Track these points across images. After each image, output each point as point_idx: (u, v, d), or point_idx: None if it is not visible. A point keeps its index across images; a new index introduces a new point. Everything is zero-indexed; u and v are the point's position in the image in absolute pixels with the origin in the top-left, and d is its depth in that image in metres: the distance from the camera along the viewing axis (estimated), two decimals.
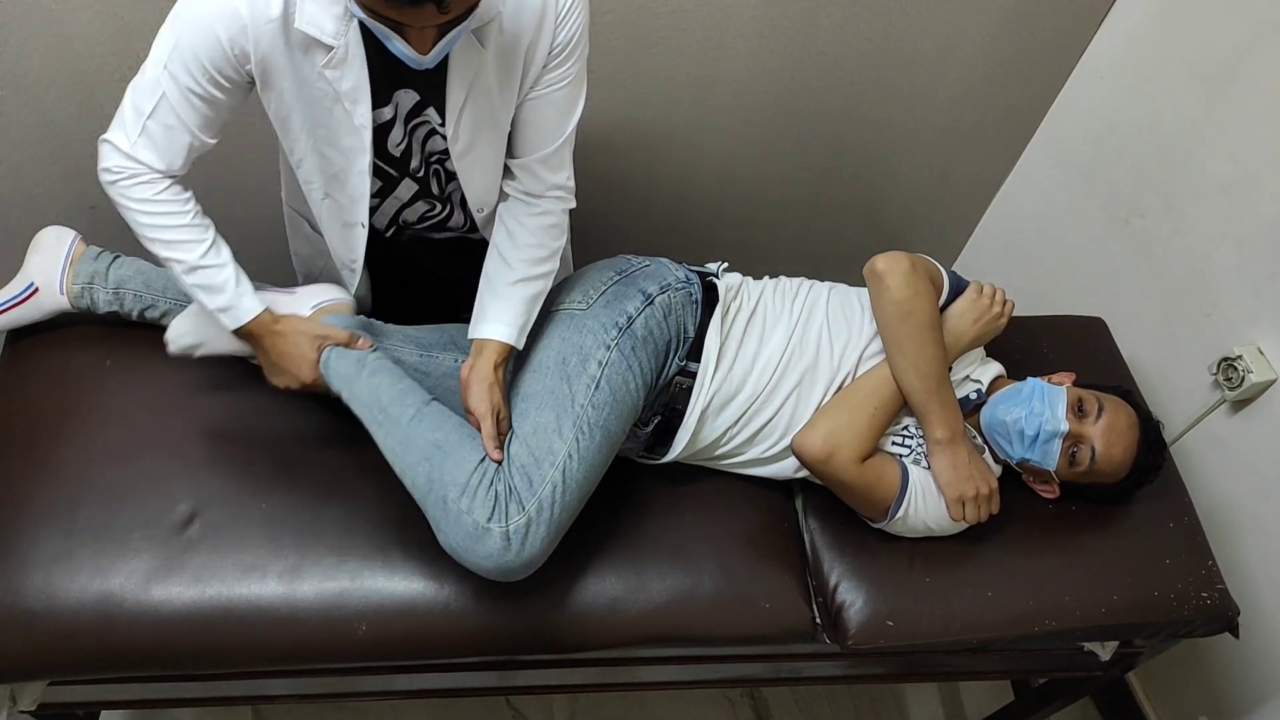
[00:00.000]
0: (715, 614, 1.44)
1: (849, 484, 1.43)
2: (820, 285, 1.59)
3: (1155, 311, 1.94)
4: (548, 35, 1.25)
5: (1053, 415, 1.44)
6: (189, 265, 1.31)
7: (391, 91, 1.29)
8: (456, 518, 1.27)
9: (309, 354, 1.37)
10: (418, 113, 1.32)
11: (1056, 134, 2.19)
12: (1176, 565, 1.54)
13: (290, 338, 1.37)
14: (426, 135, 1.36)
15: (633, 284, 1.46)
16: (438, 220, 1.52)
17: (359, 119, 1.27)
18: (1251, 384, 1.67)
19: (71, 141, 1.72)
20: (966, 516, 1.45)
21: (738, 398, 1.47)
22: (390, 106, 1.30)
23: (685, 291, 1.48)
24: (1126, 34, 1.96)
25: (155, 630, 1.31)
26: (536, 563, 1.29)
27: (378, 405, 1.35)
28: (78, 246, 1.55)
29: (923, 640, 1.46)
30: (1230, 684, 1.86)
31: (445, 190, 1.46)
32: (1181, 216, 1.87)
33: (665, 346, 1.45)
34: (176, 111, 1.23)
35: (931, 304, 1.46)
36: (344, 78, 1.22)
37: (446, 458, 1.30)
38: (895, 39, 1.95)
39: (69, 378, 1.51)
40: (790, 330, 1.50)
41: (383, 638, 1.36)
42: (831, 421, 1.43)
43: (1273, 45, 1.65)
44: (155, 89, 1.22)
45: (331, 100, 1.25)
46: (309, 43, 1.19)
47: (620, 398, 1.37)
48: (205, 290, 1.32)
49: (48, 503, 1.38)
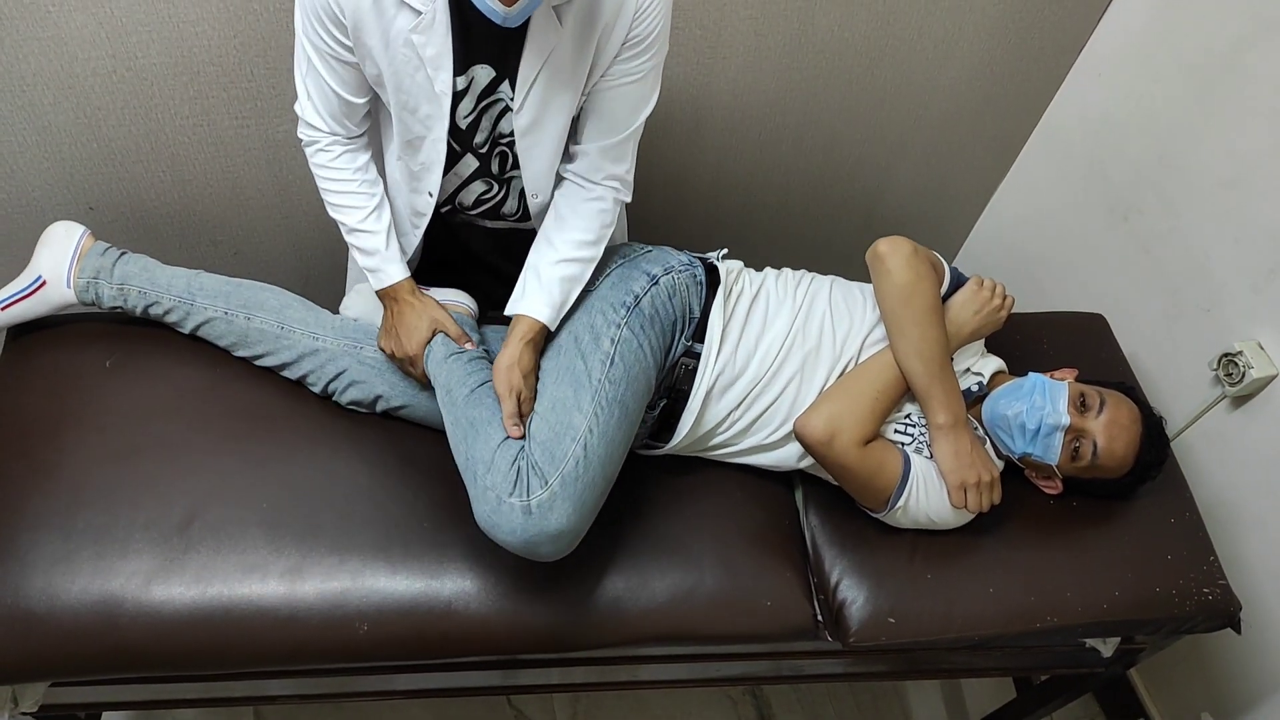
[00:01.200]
0: (717, 612, 1.44)
1: (850, 469, 1.42)
2: (822, 277, 1.60)
3: (1155, 308, 1.94)
4: (624, 25, 1.28)
5: (1054, 409, 1.44)
6: (350, 227, 1.44)
7: (469, 65, 1.32)
8: (483, 493, 1.29)
9: (423, 332, 1.45)
10: (492, 90, 1.35)
11: (1055, 131, 2.19)
12: (1178, 561, 1.54)
13: (416, 309, 1.46)
14: (499, 114, 1.38)
15: (637, 266, 1.50)
16: (492, 205, 1.54)
17: (440, 85, 1.30)
18: (1252, 380, 1.67)
19: (68, 144, 1.72)
20: (968, 504, 1.45)
21: (740, 380, 1.48)
22: (466, 78, 1.33)
23: (689, 273, 1.51)
24: (1124, 31, 1.96)
25: (156, 631, 1.31)
26: (566, 538, 1.29)
27: (445, 387, 1.42)
28: (86, 241, 1.56)
29: (924, 637, 1.46)
30: (1232, 680, 1.86)
31: (505, 173, 1.48)
32: (1180, 213, 1.87)
33: (672, 326, 1.47)
34: (319, 72, 1.32)
35: (933, 288, 1.46)
36: (429, 44, 1.26)
37: (478, 435, 1.34)
38: (892, 38, 1.95)
39: (68, 378, 1.51)
40: (793, 316, 1.51)
41: (384, 637, 1.36)
42: (834, 405, 1.43)
43: (1270, 41, 1.65)
44: (301, 55, 1.32)
45: (415, 65, 1.29)
46: (398, 5, 1.23)
47: (635, 374, 1.39)
48: (360, 251, 1.45)
49: (47, 504, 1.38)
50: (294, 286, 1.71)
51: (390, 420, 1.54)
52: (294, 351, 1.52)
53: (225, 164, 1.83)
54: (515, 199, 1.53)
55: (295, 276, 2.09)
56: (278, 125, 1.78)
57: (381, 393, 1.51)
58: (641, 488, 1.52)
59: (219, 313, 1.52)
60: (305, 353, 1.52)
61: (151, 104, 1.69)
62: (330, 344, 1.52)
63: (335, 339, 1.53)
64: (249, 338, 1.53)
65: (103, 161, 1.76)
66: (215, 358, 1.55)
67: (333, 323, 1.55)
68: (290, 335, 1.52)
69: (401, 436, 1.52)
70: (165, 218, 1.89)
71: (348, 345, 1.52)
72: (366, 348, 1.53)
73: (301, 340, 1.52)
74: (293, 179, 1.88)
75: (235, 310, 1.52)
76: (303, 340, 1.52)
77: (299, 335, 1.52)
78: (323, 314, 1.56)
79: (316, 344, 1.52)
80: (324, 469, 1.47)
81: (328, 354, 1.52)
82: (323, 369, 1.52)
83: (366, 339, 1.53)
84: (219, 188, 1.87)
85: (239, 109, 1.74)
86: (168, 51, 1.62)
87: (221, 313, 1.52)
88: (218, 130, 1.76)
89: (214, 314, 1.53)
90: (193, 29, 1.60)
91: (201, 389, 1.53)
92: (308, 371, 1.52)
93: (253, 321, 1.52)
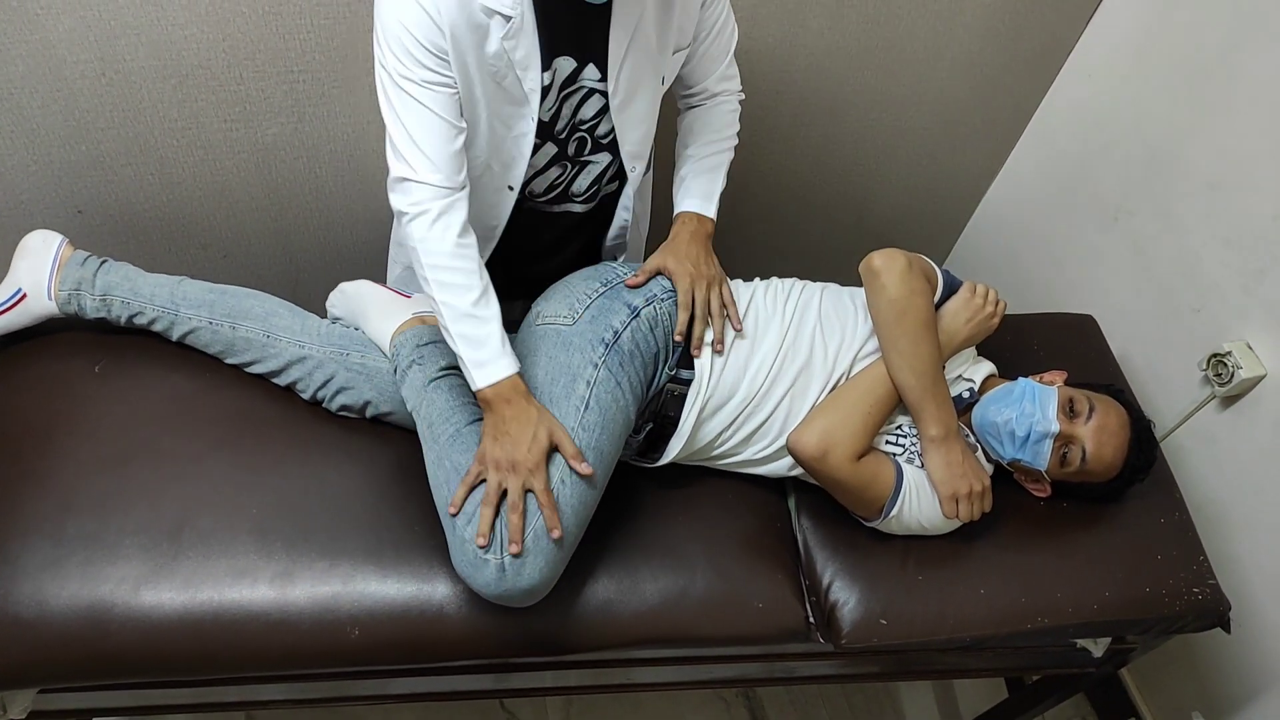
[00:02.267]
0: (709, 614, 1.44)
1: (844, 482, 1.43)
2: (812, 285, 1.59)
3: (1145, 308, 1.95)
4: None
5: (1043, 416, 1.44)
6: (459, 312, 1.29)
7: (552, 58, 1.33)
8: (460, 543, 1.29)
9: (543, 441, 1.28)
10: (573, 79, 1.38)
11: (1045, 133, 2.20)
12: (1168, 561, 1.54)
13: (530, 413, 1.29)
14: (580, 101, 1.41)
15: (618, 297, 1.46)
16: (562, 189, 1.55)
17: (529, 84, 1.33)
18: (1241, 380, 1.68)
19: (56, 147, 1.71)
20: (960, 514, 1.45)
21: (732, 401, 1.47)
22: (549, 72, 1.35)
23: (672, 300, 1.48)
24: (1114, 32, 1.97)
25: (146, 636, 1.31)
26: (538, 592, 1.29)
27: (427, 420, 1.40)
28: (65, 250, 1.54)
29: (916, 638, 1.46)
30: (1222, 679, 1.87)
31: (580, 155, 1.51)
32: (1170, 214, 1.87)
33: (654, 358, 1.45)
34: (430, 109, 1.27)
35: (927, 303, 1.46)
36: (519, 46, 1.29)
37: (460, 483, 1.32)
38: (882, 40, 1.95)
39: (57, 384, 1.50)
40: (783, 332, 1.50)
41: (375, 641, 1.35)
42: (826, 420, 1.43)
43: (1258, 42, 1.66)
44: (405, 107, 1.27)
45: (505, 67, 1.31)
46: (488, 13, 1.26)
47: (611, 416, 1.37)
48: (466, 342, 1.30)
49: (36, 510, 1.37)
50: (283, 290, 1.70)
51: (381, 425, 1.54)
52: (281, 359, 1.51)
53: (214, 167, 1.82)
54: (586, 178, 1.55)
55: (284, 280, 2.08)
56: (266, 128, 1.77)
57: (370, 398, 1.51)
58: (632, 492, 1.51)
59: (204, 322, 1.52)
60: (292, 360, 1.51)
61: (140, 107, 1.69)
62: (317, 351, 1.51)
63: (322, 346, 1.52)
64: (235, 346, 1.52)
65: (91, 165, 1.76)
66: (205, 364, 1.55)
67: (319, 330, 1.54)
68: (277, 344, 1.51)
69: (392, 441, 1.52)
70: (154, 221, 1.88)
71: (334, 352, 1.52)
72: (353, 354, 1.52)
73: (288, 349, 1.51)
74: (281, 182, 1.88)
75: (220, 319, 1.52)
76: (289, 348, 1.51)
77: (285, 344, 1.51)
78: (309, 320, 1.55)
79: (303, 352, 1.51)
80: (315, 474, 1.47)
81: (315, 361, 1.51)
82: (310, 376, 1.51)
83: (353, 345, 1.52)
84: (208, 191, 1.86)
85: (228, 112, 1.73)
86: (156, 55, 1.62)
87: (206, 322, 1.52)
88: (206, 133, 1.76)
89: (199, 324, 1.52)
90: (181, 32, 1.59)
91: (192, 394, 1.52)
92: (296, 379, 1.52)
93: (238, 330, 1.51)
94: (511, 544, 1.25)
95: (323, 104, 1.75)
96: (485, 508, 1.27)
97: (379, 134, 1.81)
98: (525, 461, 1.27)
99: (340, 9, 1.62)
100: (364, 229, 2.02)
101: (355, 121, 1.80)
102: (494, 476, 1.28)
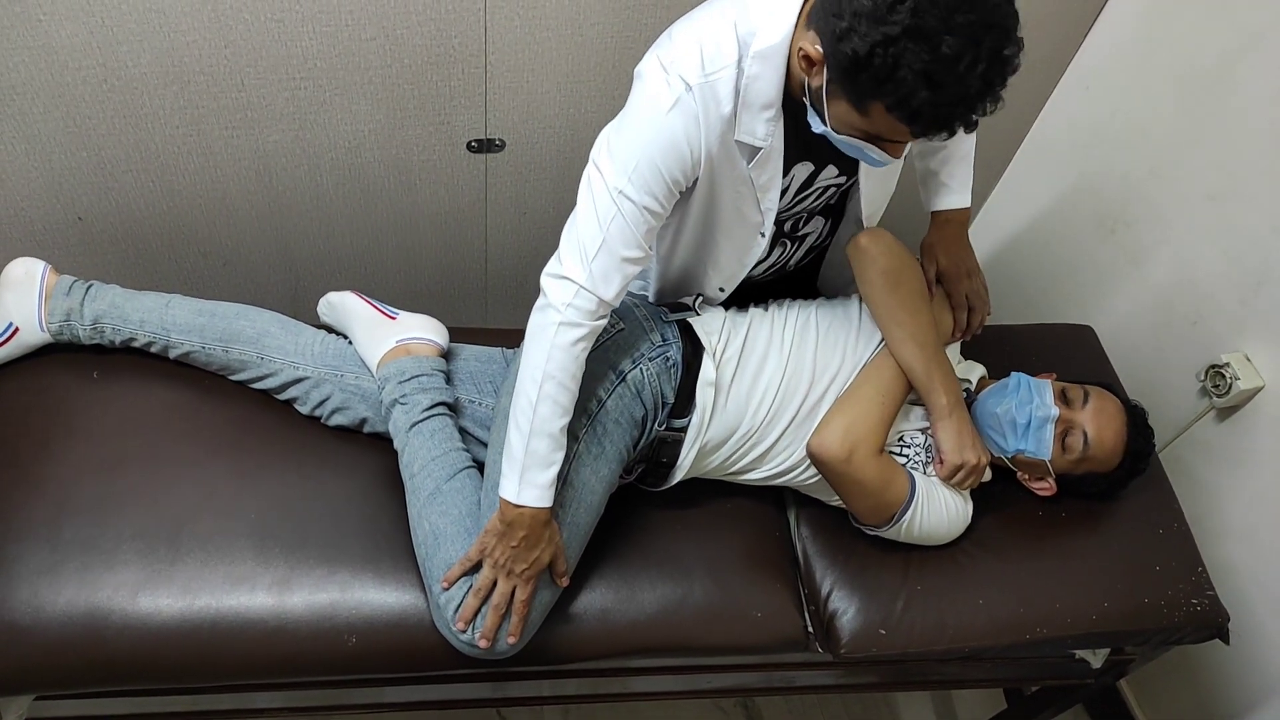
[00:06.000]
0: (707, 624, 1.44)
1: (866, 483, 1.41)
2: (807, 305, 1.56)
3: (1143, 320, 1.95)
4: None
5: (1042, 402, 1.47)
6: (546, 430, 1.25)
7: (790, 166, 1.35)
8: (439, 609, 1.32)
9: (544, 563, 1.31)
10: (810, 183, 1.40)
11: (1043, 144, 2.21)
12: (1166, 572, 1.54)
13: (547, 539, 1.31)
14: (816, 198, 1.44)
15: (604, 360, 1.43)
16: (779, 266, 1.58)
17: (767, 204, 1.35)
18: (1239, 391, 1.68)
19: (57, 153, 1.71)
20: (959, 482, 1.46)
21: (734, 435, 1.47)
22: (786, 179, 1.35)
23: (661, 359, 1.45)
24: (1112, 44, 1.98)
25: (143, 643, 1.30)
26: (513, 652, 1.33)
27: (409, 469, 1.41)
28: (49, 278, 1.50)
29: (915, 649, 1.46)
30: (1221, 690, 1.86)
31: (797, 231, 1.52)
32: (1168, 225, 1.88)
33: (640, 421, 1.43)
34: (631, 228, 1.23)
35: (919, 272, 1.49)
36: (765, 172, 1.31)
37: (439, 548, 1.34)
38: None
39: (54, 390, 1.50)
40: (784, 362, 1.47)
41: (373, 649, 1.35)
42: (845, 418, 1.42)
43: (1258, 53, 1.66)
44: (609, 213, 1.22)
45: (746, 189, 1.32)
46: (740, 146, 1.27)
47: (591, 488, 1.38)
48: (534, 456, 1.25)
49: (33, 516, 1.36)
50: (284, 298, 1.70)
51: (379, 437, 1.54)
52: (277, 380, 1.51)
53: (215, 174, 1.82)
54: (801, 249, 1.57)
55: (285, 288, 2.08)
56: (268, 135, 1.77)
57: (366, 416, 1.51)
58: (631, 503, 1.51)
59: (196, 347, 1.50)
60: (288, 381, 1.51)
61: (142, 113, 1.69)
62: (312, 372, 1.51)
63: (317, 367, 1.51)
64: (230, 368, 1.52)
65: (92, 171, 1.76)
66: (203, 370, 1.55)
67: (313, 349, 1.52)
68: (270, 365, 1.50)
69: (391, 451, 1.51)
70: (154, 228, 1.88)
71: (329, 372, 1.51)
72: (348, 374, 1.51)
73: (283, 370, 1.50)
74: (283, 190, 1.88)
75: (212, 344, 1.50)
76: (284, 370, 1.50)
77: (279, 365, 1.50)
78: (303, 336, 1.54)
79: (298, 373, 1.50)
80: (313, 481, 1.47)
81: (311, 382, 1.51)
82: (307, 396, 1.51)
83: (347, 365, 1.52)
84: (209, 198, 1.86)
85: (229, 119, 1.73)
86: (158, 61, 1.62)
87: (199, 347, 1.50)
88: (208, 140, 1.76)
89: (191, 348, 1.50)
90: (184, 38, 1.60)
91: (190, 400, 1.52)
92: (293, 398, 1.52)
93: (231, 354, 1.50)
94: (481, 639, 1.30)
95: (324, 111, 1.76)
96: (474, 598, 1.30)
97: (380, 142, 1.82)
98: (522, 574, 1.30)
99: (343, 16, 1.62)
100: (365, 238, 2.02)
101: (357, 129, 1.80)
102: (489, 573, 1.30)
